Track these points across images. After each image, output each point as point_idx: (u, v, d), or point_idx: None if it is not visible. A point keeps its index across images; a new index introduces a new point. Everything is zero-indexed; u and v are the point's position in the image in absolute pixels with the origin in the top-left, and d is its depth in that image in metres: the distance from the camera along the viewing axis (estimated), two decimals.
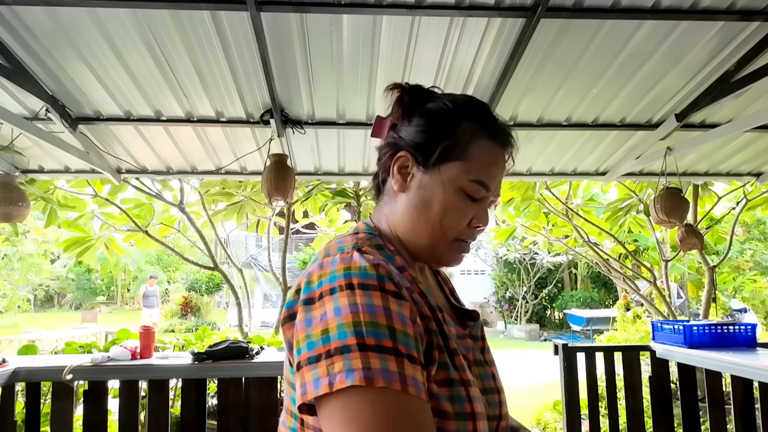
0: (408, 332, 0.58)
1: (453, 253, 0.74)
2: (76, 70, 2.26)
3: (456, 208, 0.71)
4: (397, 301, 0.60)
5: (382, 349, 0.55)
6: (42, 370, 2.37)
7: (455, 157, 0.71)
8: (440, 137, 0.72)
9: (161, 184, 3.93)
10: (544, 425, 3.93)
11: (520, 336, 13.01)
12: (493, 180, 0.73)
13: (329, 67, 2.32)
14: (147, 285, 12.63)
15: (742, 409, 3.07)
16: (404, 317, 0.59)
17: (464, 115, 0.73)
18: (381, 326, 0.56)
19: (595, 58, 2.31)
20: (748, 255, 10.50)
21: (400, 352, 0.56)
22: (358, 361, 0.54)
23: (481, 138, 0.72)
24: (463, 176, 0.71)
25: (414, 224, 0.73)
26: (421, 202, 0.72)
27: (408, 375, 0.55)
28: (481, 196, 0.73)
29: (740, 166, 3.50)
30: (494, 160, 0.73)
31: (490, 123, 0.75)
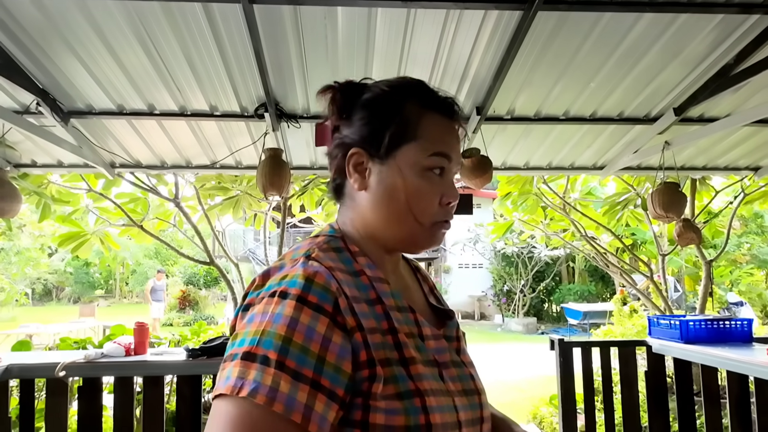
0: (308, 348, 0.56)
1: (433, 237, 0.72)
2: (66, 64, 2.23)
3: (423, 191, 0.69)
4: (312, 314, 0.58)
5: (264, 361, 0.55)
6: (35, 366, 2.36)
7: (407, 139, 0.70)
8: (386, 124, 0.70)
9: (156, 178, 3.90)
10: (540, 419, 3.94)
11: (518, 329, 13.06)
12: (451, 149, 0.72)
13: (324, 60, 2.29)
14: (155, 279, 12.59)
15: (738, 403, 3.08)
16: (312, 331, 0.57)
17: (405, 96, 0.72)
18: (276, 337, 0.56)
19: (593, 51, 2.28)
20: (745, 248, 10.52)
21: (283, 366, 0.55)
22: (235, 370, 0.55)
23: (427, 113, 0.71)
24: (421, 155, 0.69)
25: (385, 219, 0.71)
26: (385, 195, 0.70)
27: (281, 391, 0.54)
28: (444, 168, 0.71)
29: (738, 160, 3.48)
30: (447, 130, 0.72)
31: (432, 97, 0.73)
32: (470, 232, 14.88)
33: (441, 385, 0.66)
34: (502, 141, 3.10)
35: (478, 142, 2.88)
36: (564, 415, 2.99)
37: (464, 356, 0.78)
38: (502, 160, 3.38)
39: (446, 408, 0.64)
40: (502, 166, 3.44)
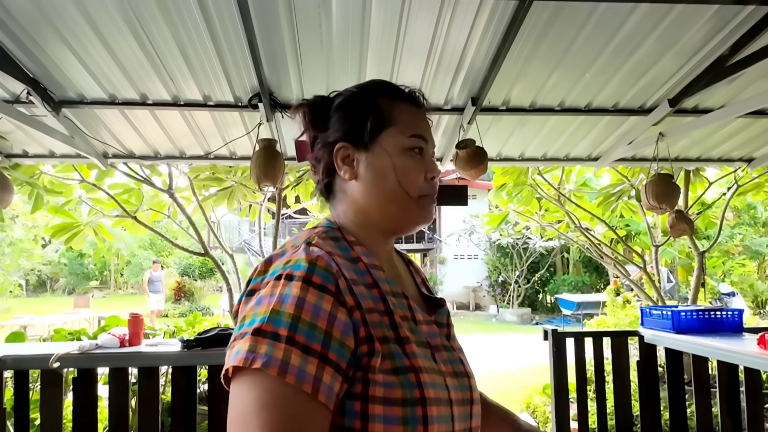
0: (316, 324, 0.60)
1: (423, 210, 0.78)
2: (57, 52, 2.20)
3: (409, 167, 0.76)
4: (318, 293, 0.62)
5: (275, 336, 0.58)
6: (29, 358, 2.35)
7: (386, 125, 0.77)
8: (364, 116, 0.77)
9: (149, 169, 3.87)
10: (533, 408, 3.98)
11: (512, 320, 13.15)
12: (425, 132, 0.79)
13: (318, 50, 2.28)
14: (151, 270, 12.45)
15: (728, 392, 3.12)
16: (319, 309, 0.61)
17: (374, 92, 0.79)
18: (285, 315, 0.60)
19: (588, 41, 2.27)
20: (738, 239, 10.61)
21: (293, 341, 0.58)
22: (246, 345, 0.59)
23: (398, 103, 0.79)
24: (401, 136, 0.77)
25: (378, 200, 0.77)
26: (376, 177, 0.76)
27: (292, 364, 0.57)
28: (422, 148, 0.78)
29: (732, 151, 3.50)
30: (417, 117, 0.80)
31: (399, 91, 0.81)
32: (465, 223, 14.91)
33: (433, 364, 0.70)
34: (497, 132, 3.10)
35: (473, 133, 2.87)
36: (557, 405, 3.02)
37: (454, 342, 0.82)
38: (497, 151, 3.38)
39: (438, 385, 0.68)
40: (497, 157, 3.43)
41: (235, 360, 0.58)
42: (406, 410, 0.63)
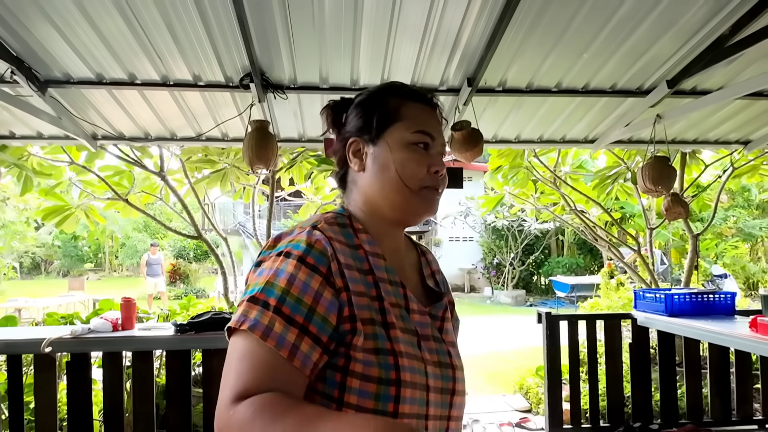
0: (302, 299, 0.69)
1: (425, 201, 0.82)
2: (41, 30, 2.13)
3: (410, 159, 0.81)
4: (309, 272, 0.70)
5: (265, 305, 0.68)
6: (21, 342, 2.34)
7: (392, 121, 0.83)
8: (373, 113, 0.84)
9: (140, 151, 3.81)
10: (526, 389, 4.03)
11: (507, 301, 13.25)
12: (432, 129, 0.84)
13: (311, 29, 2.22)
14: (149, 253, 12.00)
15: (718, 374, 3.16)
16: (307, 286, 0.69)
17: (388, 93, 0.86)
18: (277, 287, 0.69)
19: (586, 21, 2.22)
20: (732, 222, 10.67)
21: (279, 311, 0.67)
22: (241, 308, 0.69)
23: (408, 102, 0.85)
24: (405, 131, 0.82)
25: (381, 190, 0.82)
26: (380, 169, 0.82)
27: (275, 330, 0.66)
28: (428, 144, 0.83)
29: (729, 134, 3.48)
30: (427, 116, 0.85)
31: (411, 90, 0.87)
32: (461, 206, 14.91)
33: (416, 351, 0.75)
34: (493, 113, 3.06)
35: (469, 115, 2.83)
36: (549, 386, 3.05)
37: (446, 335, 0.86)
38: (493, 133, 3.34)
39: (417, 371, 0.73)
40: (493, 139, 3.40)
41: (232, 321, 0.68)
42: (380, 388, 0.69)
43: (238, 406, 0.62)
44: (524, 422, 3.38)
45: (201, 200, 4.18)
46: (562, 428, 3.04)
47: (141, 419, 2.55)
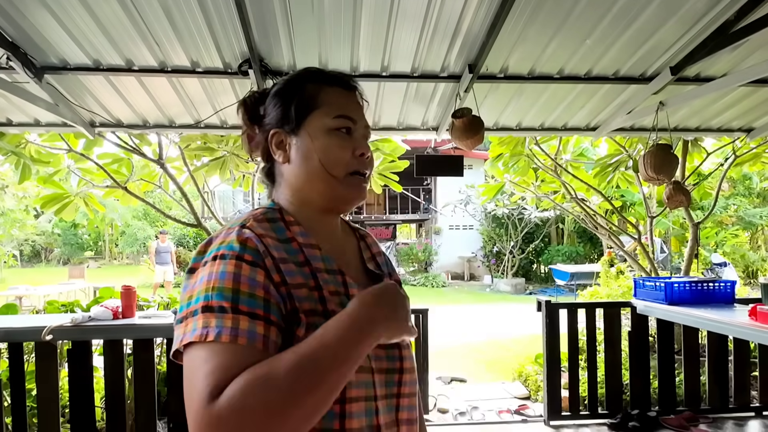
0: (255, 294, 0.67)
1: (352, 187, 0.82)
2: (36, 15, 2.10)
3: (332, 145, 0.80)
4: (251, 268, 0.69)
5: (222, 309, 0.65)
6: (22, 330, 2.34)
7: (311, 108, 0.82)
8: (291, 101, 0.83)
9: (139, 138, 3.79)
10: (525, 377, 4.05)
11: (506, 290, 13.29)
12: (353, 113, 0.83)
13: (309, 14, 2.18)
14: (158, 241, 11.82)
15: (716, 362, 3.18)
16: (254, 281, 0.68)
17: (304, 80, 0.84)
18: (225, 290, 0.66)
19: (589, 6, 2.19)
20: (732, 210, 10.65)
21: (238, 310, 0.65)
22: (199, 322, 0.65)
23: (326, 87, 0.83)
24: (325, 118, 0.81)
25: (307, 180, 0.81)
26: (303, 159, 0.81)
27: (242, 329, 0.64)
28: (350, 128, 0.82)
29: (732, 121, 3.45)
30: (346, 99, 0.84)
31: (329, 75, 0.85)
32: (461, 194, 14.88)
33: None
34: (494, 100, 3.03)
35: (470, 102, 2.80)
36: (549, 374, 3.06)
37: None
38: (494, 121, 3.31)
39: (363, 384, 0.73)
40: (493, 127, 3.37)
41: (193, 336, 0.64)
42: None
43: (219, 400, 0.58)
44: (523, 409, 3.40)
45: (200, 188, 4.17)
46: (561, 415, 3.06)
47: (142, 406, 2.56)
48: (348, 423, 0.71)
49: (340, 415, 0.70)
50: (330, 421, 0.69)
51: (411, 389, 0.83)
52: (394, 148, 4.26)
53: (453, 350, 6.25)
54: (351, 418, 0.71)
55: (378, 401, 0.75)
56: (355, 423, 0.71)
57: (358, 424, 0.72)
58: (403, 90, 2.88)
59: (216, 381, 0.60)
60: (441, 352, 5.71)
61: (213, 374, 0.60)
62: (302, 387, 0.60)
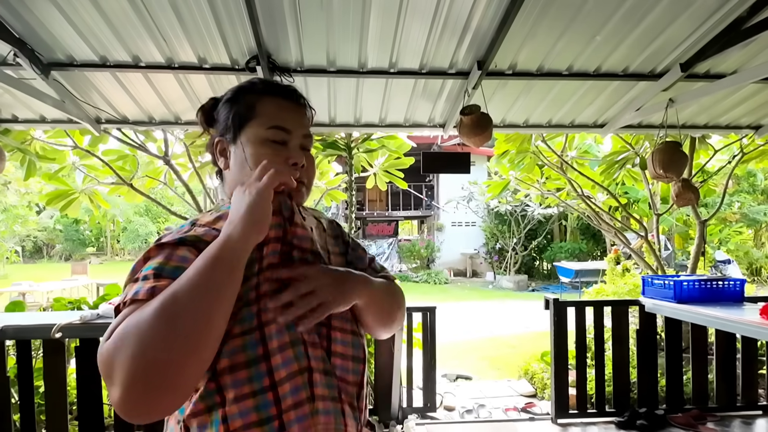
0: (181, 266, 0.72)
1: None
2: (43, 10, 2.08)
3: (264, 155, 0.83)
4: (187, 248, 0.75)
5: (145, 278, 0.71)
6: (31, 328, 2.33)
7: (248, 119, 0.86)
8: (231, 112, 0.88)
9: (144, 135, 3.77)
10: (531, 375, 4.05)
11: (509, 286, 13.29)
12: (289, 123, 0.86)
13: (318, 9, 2.17)
14: None
15: (724, 360, 3.17)
16: (186, 259, 0.73)
17: (245, 91, 0.89)
18: (156, 264, 0.72)
19: (600, 2, 2.17)
20: (736, 207, 10.62)
21: (160, 276, 0.71)
22: (126, 289, 0.72)
23: (263, 97, 0.87)
24: (260, 129, 0.85)
25: (237, 184, 0.84)
26: (239, 168, 0.86)
27: (158, 287, 0.68)
28: (285, 139, 0.86)
29: (740, 118, 3.43)
30: (284, 109, 0.87)
31: (267, 85, 0.89)
32: (464, 190, 14.86)
33: None
34: (502, 97, 3.01)
35: (477, 98, 2.79)
36: (556, 371, 3.05)
37: None
38: (501, 118, 3.29)
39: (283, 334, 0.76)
40: (501, 124, 3.35)
41: (118, 301, 0.71)
42: (251, 371, 0.73)
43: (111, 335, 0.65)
44: (530, 407, 3.40)
45: (204, 184, 4.15)
46: (569, 413, 3.05)
47: None
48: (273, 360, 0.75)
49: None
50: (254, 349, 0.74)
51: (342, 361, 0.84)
52: (400, 145, 4.24)
53: (457, 347, 6.25)
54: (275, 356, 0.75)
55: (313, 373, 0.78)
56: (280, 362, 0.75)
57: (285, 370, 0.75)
58: (411, 86, 2.86)
59: (114, 326, 0.66)
60: (445, 349, 5.71)
61: (115, 323, 0.67)
62: (166, 316, 0.63)
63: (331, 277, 0.83)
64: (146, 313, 0.64)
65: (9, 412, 2.47)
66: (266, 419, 0.72)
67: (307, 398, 0.76)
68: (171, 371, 0.62)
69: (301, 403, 0.75)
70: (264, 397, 0.73)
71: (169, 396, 0.63)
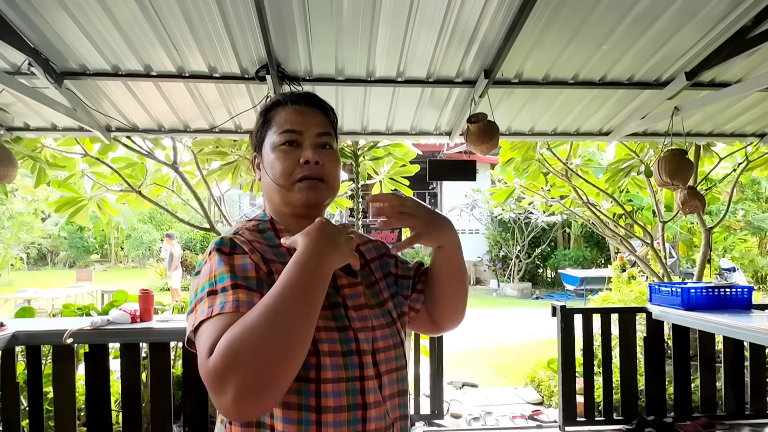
0: (248, 274, 0.78)
1: (301, 191, 0.89)
2: (58, 20, 2.12)
3: (276, 160, 0.90)
4: (242, 255, 0.81)
5: (223, 290, 0.75)
6: (41, 333, 2.35)
7: (266, 131, 0.94)
8: (257, 129, 0.97)
9: (153, 142, 3.81)
10: (538, 382, 4.03)
11: (513, 294, 13.24)
12: (299, 125, 0.91)
13: (328, 18, 2.20)
14: (176, 243, 11.24)
15: (732, 367, 3.15)
16: (246, 265, 0.79)
17: (266, 109, 0.96)
18: (224, 273, 0.77)
19: (607, 12, 2.20)
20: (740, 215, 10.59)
21: (236, 286, 0.75)
22: (206, 304, 0.74)
23: (276, 109, 0.94)
24: (274, 135, 0.91)
25: (268, 193, 0.93)
26: (264, 176, 0.94)
27: (242, 300, 0.73)
28: (297, 141, 0.90)
29: (745, 126, 3.44)
30: (292, 112, 0.92)
31: (282, 97, 0.95)
32: (467, 198, 14.87)
33: (337, 323, 0.83)
34: (508, 106, 3.04)
35: (483, 107, 2.81)
36: (564, 379, 3.05)
37: (383, 293, 0.96)
38: (506, 126, 3.32)
39: (336, 341, 0.81)
40: (506, 132, 3.37)
41: (204, 315, 0.73)
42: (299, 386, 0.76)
43: (212, 354, 0.67)
44: (537, 415, 3.39)
45: (212, 192, 4.18)
46: (576, 421, 3.05)
47: (158, 409, 2.57)
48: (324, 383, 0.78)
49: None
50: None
51: (388, 366, 0.87)
52: (406, 153, 4.26)
53: (462, 355, 6.23)
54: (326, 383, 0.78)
55: (365, 380, 0.82)
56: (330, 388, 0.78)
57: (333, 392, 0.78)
58: (418, 95, 2.89)
59: (212, 341, 0.69)
60: (450, 356, 5.69)
61: (211, 337, 0.69)
62: (273, 324, 0.67)
63: (427, 208, 0.92)
64: (254, 327, 0.68)
65: (18, 418, 2.49)
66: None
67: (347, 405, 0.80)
68: (283, 379, 0.68)
69: None
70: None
71: (274, 398, 0.69)
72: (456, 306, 1.01)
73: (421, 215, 0.89)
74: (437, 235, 0.92)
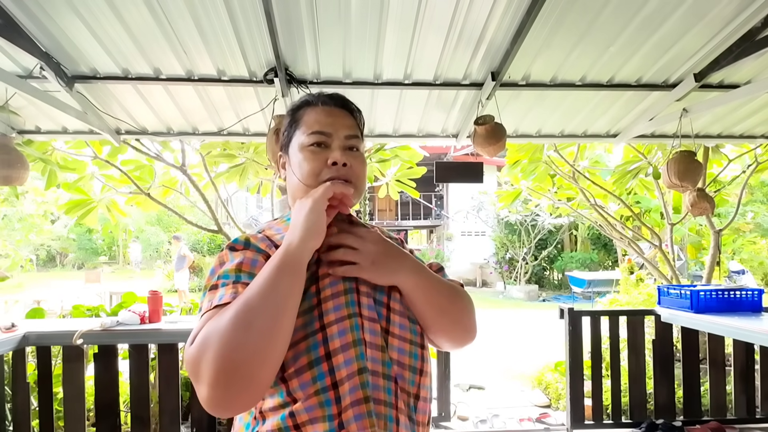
0: (254, 272, 0.79)
1: None
2: (69, 25, 2.15)
3: (304, 160, 0.90)
4: (255, 252, 0.83)
5: (224, 284, 0.78)
6: (52, 334, 2.38)
7: (294, 130, 0.94)
8: (285, 129, 0.97)
9: (161, 145, 3.84)
10: (545, 385, 4.02)
11: (519, 296, 13.20)
12: (329, 126, 0.91)
13: (336, 21, 2.21)
14: (183, 244, 11.38)
15: (743, 370, 3.13)
16: (255, 262, 0.81)
17: (294, 108, 0.97)
18: (231, 270, 0.80)
19: (614, 13, 2.19)
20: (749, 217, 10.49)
21: (239, 281, 0.78)
22: (207, 298, 0.78)
23: (304, 109, 0.95)
24: (302, 136, 0.91)
25: (294, 192, 0.93)
26: (290, 175, 0.94)
27: (240, 293, 0.75)
28: (325, 142, 0.91)
29: (754, 128, 3.42)
30: (324, 114, 0.92)
31: (312, 97, 0.96)
32: (473, 200, 14.85)
33: (349, 309, 0.83)
34: (515, 108, 3.03)
35: (491, 109, 2.81)
36: (571, 382, 3.03)
37: (393, 303, 0.90)
38: (514, 128, 3.31)
39: (348, 330, 0.81)
40: (513, 134, 3.37)
41: (204, 308, 0.76)
42: (314, 371, 0.78)
43: (195, 339, 0.71)
44: (544, 417, 3.37)
45: (219, 194, 4.21)
46: (584, 424, 3.03)
47: (166, 410, 2.59)
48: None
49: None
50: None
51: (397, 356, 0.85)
52: (412, 155, 4.27)
53: (469, 357, 6.21)
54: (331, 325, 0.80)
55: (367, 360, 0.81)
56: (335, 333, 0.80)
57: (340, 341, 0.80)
58: (425, 97, 2.89)
59: (197, 330, 0.72)
60: (456, 358, 5.68)
61: (198, 327, 0.73)
62: (241, 316, 0.70)
63: (382, 246, 0.88)
64: (224, 318, 0.71)
65: (28, 418, 2.51)
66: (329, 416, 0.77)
67: (364, 398, 0.78)
68: (247, 370, 0.68)
69: (359, 401, 0.77)
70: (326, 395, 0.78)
71: (247, 392, 0.69)
72: (452, 337, 0.94)
73: (369, 252, 0.86)
74: (386, 276, 0.86)
